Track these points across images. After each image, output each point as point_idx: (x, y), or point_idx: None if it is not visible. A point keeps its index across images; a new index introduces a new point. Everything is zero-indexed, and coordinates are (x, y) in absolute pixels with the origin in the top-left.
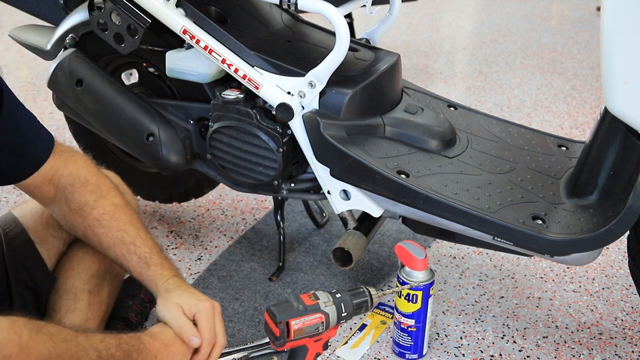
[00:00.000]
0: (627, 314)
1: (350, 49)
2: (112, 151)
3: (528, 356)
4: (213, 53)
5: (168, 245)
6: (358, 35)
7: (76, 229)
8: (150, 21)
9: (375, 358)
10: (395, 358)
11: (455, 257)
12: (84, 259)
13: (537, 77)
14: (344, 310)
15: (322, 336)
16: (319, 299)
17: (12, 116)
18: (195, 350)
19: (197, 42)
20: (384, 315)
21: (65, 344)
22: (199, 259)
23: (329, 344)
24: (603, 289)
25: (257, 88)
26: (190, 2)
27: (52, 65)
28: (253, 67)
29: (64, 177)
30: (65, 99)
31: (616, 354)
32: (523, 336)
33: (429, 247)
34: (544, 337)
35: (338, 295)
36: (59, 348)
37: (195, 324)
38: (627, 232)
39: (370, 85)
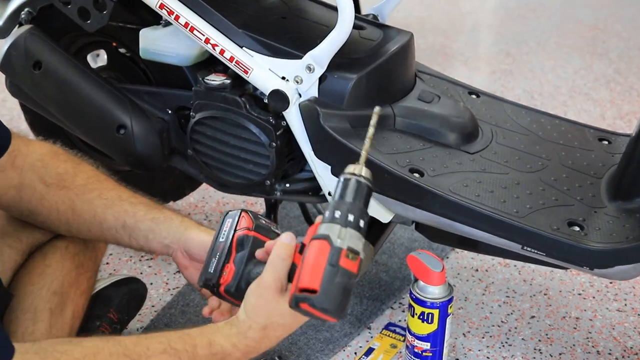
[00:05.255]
0: None
1: (355, 26)
2: (76, 146)
3: None
4: (195, 31)
5: (142, 256)
6: (364, 11)
7: (59, 206)
8: None
9: None
10: None
11: (477, 270)
12: (45, 274)
13: (574, 59)
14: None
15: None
16: (358, 253)
17: None
18: None
19: (177, 18)
20: (394, 338)
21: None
22: (179, 271)
23: None
24: None
25: (246, 72)
26: None
27: (4, 44)
28: (242, 47)
29: (29, 156)
30: (20, 84)
31: None
32: None
33: (447, 257)
34: None
35: (363, 231)
36: None
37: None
38: None
39: (378, 69)
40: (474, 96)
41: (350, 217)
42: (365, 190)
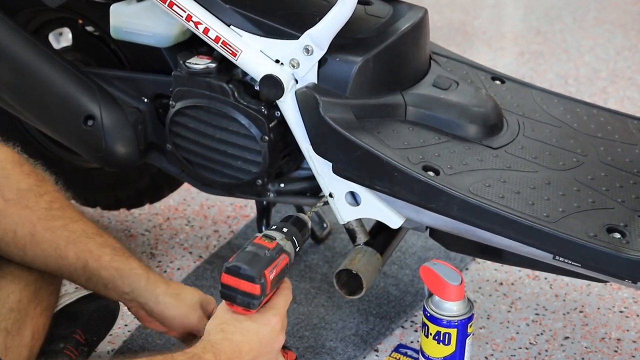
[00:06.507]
0: None
1: (360, 1)
2: (35, 139)
3: None
4: (175, 7)
5: None
6: None
7: (18, 227)
8: None
9: None
10: None
11: (502, 284)
12: None
13: (617, 38)
14: (297, 244)
15: (282, 282)
16: (275, 238)
17: None
18: None
19: None
20: None
21: None
22: None
23: None
24: None
25: (234, 55)
26: None
27: None
28: (229, 26)
29: None
30: None
31: None
32: None
33: (467, 269)
34: None
35: (285, 230)
36: None
37: None
38: None
39: (387, 51)
40: (498, 82)
41: (295, 238)
42: (307, 235)
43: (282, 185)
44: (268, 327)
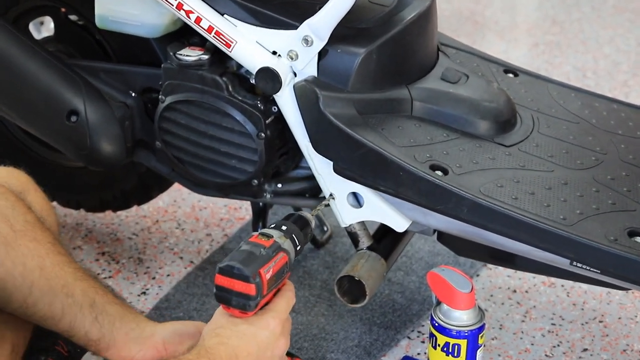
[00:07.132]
0: None
1: None
2: (14, 136)
3: None
4: None
5: (99, 273)
6: None
7: (27, 260)
8: None
9: None
10: None
11: (515, 291)
12: None
13: (638, 28)
14: (297, 243)
15: (283, 282)
16: (272, 236)
17: None
18: None
19: None
20: None
21: None
22: (144, 292)
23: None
24: None
25: (228, 46)
26: None
27: None
28: (223, 15)
29: None
30: None
31: None
32: None
33: (477, 275)
34: None
35: (284, 228)
36: None
37: None
38: None
39: (392, 42)
40: (510, 75)
41: (295, 236)
42: (309, 234)
43: (279, 185)
44: (266, 330)
